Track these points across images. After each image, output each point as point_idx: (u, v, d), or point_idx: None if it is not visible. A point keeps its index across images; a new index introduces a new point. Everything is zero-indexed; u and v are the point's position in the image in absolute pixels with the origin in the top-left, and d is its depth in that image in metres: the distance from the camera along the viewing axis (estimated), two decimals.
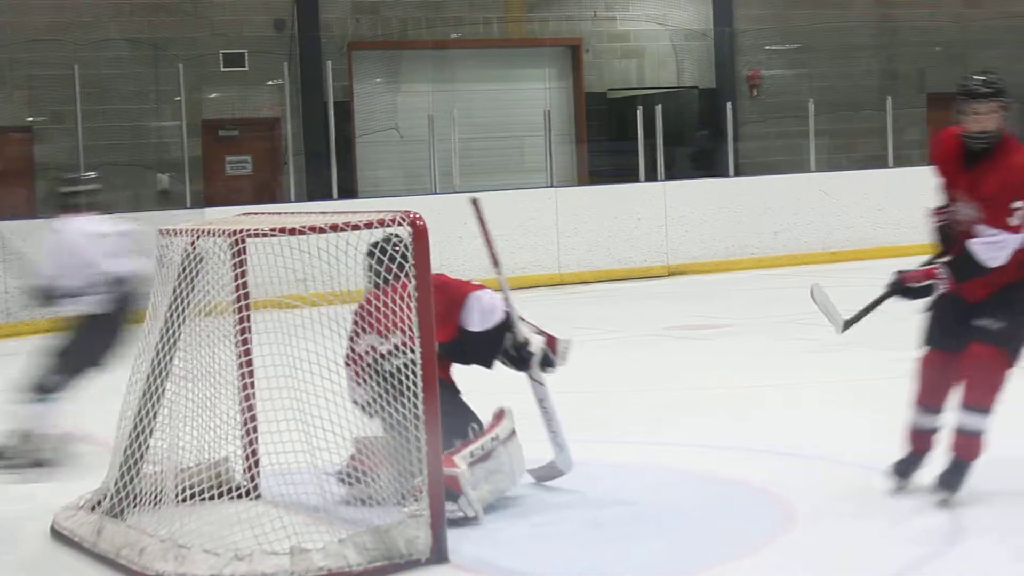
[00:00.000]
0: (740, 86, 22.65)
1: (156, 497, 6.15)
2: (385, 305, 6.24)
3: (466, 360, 6.85)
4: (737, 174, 19.98)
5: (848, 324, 6.62)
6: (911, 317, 6.67)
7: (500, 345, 6.75)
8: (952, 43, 23.51)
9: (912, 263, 6.50)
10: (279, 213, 7.04)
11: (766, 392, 9.70)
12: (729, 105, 20.44)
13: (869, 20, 23.46)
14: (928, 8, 23.57)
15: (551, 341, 6.88)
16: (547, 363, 6.86)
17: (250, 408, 6.58)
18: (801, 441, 7.86)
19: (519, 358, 6.80)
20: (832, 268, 17.73)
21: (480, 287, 6.77)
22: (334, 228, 5.89)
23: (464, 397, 6.87)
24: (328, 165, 18.10)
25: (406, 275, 5.94)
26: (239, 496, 6.56)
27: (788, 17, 22.89)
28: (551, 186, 18.73)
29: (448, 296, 6.64)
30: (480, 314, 6.67)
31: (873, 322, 6.46)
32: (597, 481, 7.13)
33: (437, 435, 5.77)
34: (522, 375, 6.90)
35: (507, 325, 6.72)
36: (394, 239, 6.24)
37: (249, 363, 6.54)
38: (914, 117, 22.81)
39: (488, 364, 6.87)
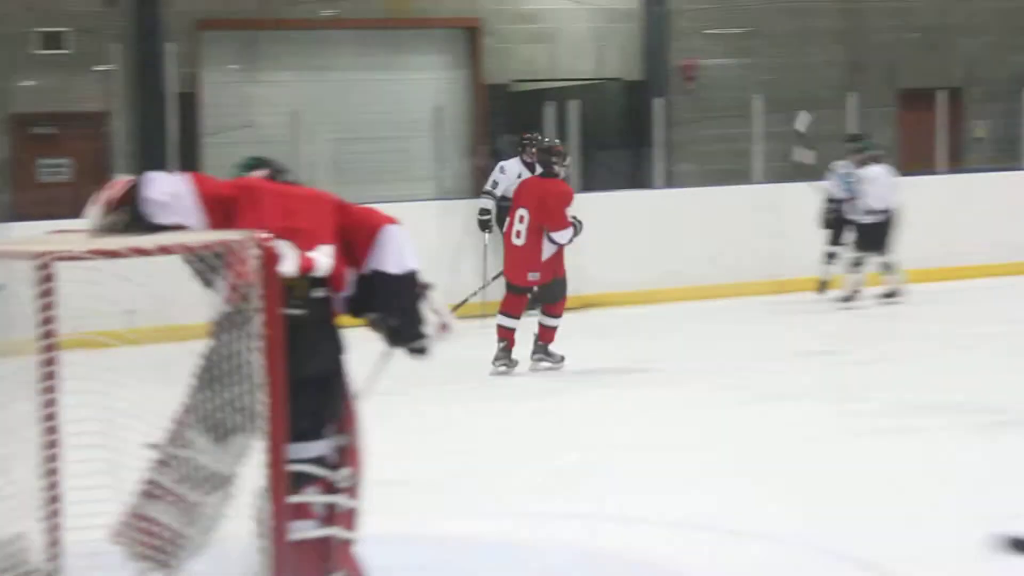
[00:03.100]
0: (673, 78, 22.77)
1: None
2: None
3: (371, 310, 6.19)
4: (667, 185, 19.91)
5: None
6: None
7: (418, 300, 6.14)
8: (930, 30, 23.84)
9: None
10: None
11: (672, 453, 9.78)
12: (659, 101, 20.42)
13: (831, 1, 23.69)
14: None
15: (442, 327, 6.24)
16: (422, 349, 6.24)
17: (52, 472, 6.48)
18: (716, 513, 8.06)
19: (409, 328, 6.13)
20: (780, 299, 17.75)
21: (391, 219, 6.18)
22: (165, 251, 5.83)
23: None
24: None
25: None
26: None
27: None
28: (439, 198, 18.58)
29: (352, 223, 6.11)
30: (397, 253, 6.06)
31: None
32: None
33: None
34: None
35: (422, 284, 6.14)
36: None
37: (52, 416, 6.45)
38: (884, 117, 23.02)
39: (403, 320, 6.18)
